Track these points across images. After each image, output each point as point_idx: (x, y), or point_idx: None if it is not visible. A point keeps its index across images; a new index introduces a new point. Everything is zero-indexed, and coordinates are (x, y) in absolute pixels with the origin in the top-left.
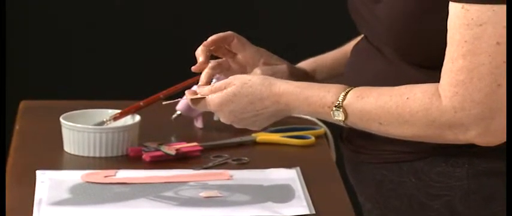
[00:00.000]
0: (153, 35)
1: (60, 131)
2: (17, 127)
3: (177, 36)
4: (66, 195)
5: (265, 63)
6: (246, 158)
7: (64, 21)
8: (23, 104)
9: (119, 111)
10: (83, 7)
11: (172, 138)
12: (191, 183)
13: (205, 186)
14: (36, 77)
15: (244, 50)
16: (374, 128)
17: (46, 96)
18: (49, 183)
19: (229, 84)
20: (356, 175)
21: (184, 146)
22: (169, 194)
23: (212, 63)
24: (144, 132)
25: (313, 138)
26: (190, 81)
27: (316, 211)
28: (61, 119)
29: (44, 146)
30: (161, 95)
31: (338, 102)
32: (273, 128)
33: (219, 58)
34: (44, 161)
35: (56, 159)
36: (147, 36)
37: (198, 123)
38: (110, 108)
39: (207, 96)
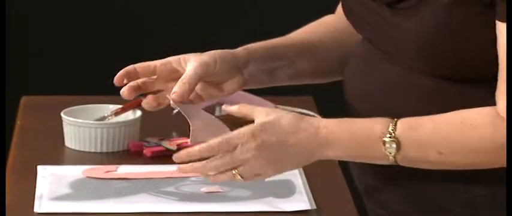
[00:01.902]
0: (154, 31)
1: (61, 126)
2: (18, 122)
3: (178, 33)
4: (67, 191)
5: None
6: None
7: (65, 17)
8: (24, 100)
9: (120, 106)
10: (83, 3)
11: (174, 134)
12: (192, 179)
13: (206, 182)
14: (37, 72)
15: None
16: (431, 158)
17: (47, 92)
18: (50, 179)
19: (262, 114)
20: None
21: (185, 141)
22: (170, 189)
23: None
24: (145, 127)
25: None
26: None
27: (317, 206)
28: (62, 114)
29: (45, 141)
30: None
31: (390, 133)
32: None
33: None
34: (45, 156)
35: (57, 155)
36: (148, 32)
37: None
38: (111, 104)
39: (233, 132)
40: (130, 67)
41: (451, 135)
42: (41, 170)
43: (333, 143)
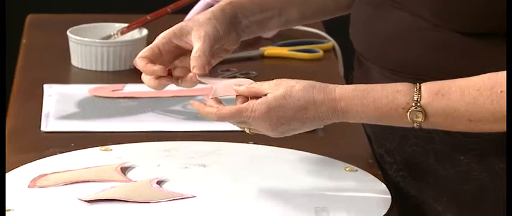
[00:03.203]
0: None
1: (67, 45)
2: (24, 41)
3: None
4: (73, 109)
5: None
6: (254, 72)
7: None
8: (29, 18)
9: (126, 25)
10: None
11: None
12: (199, 98)
13: None
14: None
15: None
16: (460, 126)
17: (53, 10)
18: (56, 97)
19: (272, 88)
20: (374, 128)
21: None
22: (177, 108)
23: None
24: None
25: (321, 52)
26: None
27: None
28: (68, 33)
29: (51, 60)
30: (168, 8)
31: (415, 102)
32: (281, 42)
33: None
34: (51, 75)
35: (63, 73)
36: None
37: None
38: (117, 22)
39: (246, 104)
40: (141, 60)
41: (480, 102)
42: (48, 88)
43: (353, 115)
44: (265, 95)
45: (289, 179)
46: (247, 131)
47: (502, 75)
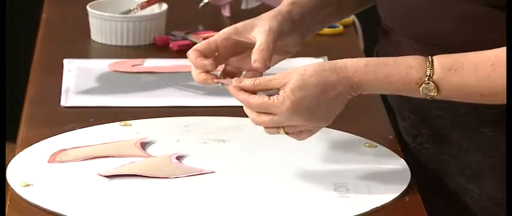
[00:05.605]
0: None
1: (87, 20)
2: (44, 16)
3: None
4: (93, 84)
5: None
6: None
7: None
8: None
9: None
10: None
11: (200, 27)
12: (219, 73)
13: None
14: None
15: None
16: (472, 100)
17: None
18: (76, 72)
19: (284, 83)
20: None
21: (211, 34)
22: (197, 83)
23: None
24: (171, 20)
25: (341, 27)
26: None
27: None
28: (88, 8)
29: (71, 35)
30: None
31: (428, 77)
32: None
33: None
34: (71, 50)
35: (83, 48)
36: None
37: (226, 12)
38: None
39: (273, 98)
40: (194, 52)
41: (493, 77)
42: (67, 63)
43: (368, 88)
44: (277, 89)
45: (309, 155)
46: (281, 132)
47: None
